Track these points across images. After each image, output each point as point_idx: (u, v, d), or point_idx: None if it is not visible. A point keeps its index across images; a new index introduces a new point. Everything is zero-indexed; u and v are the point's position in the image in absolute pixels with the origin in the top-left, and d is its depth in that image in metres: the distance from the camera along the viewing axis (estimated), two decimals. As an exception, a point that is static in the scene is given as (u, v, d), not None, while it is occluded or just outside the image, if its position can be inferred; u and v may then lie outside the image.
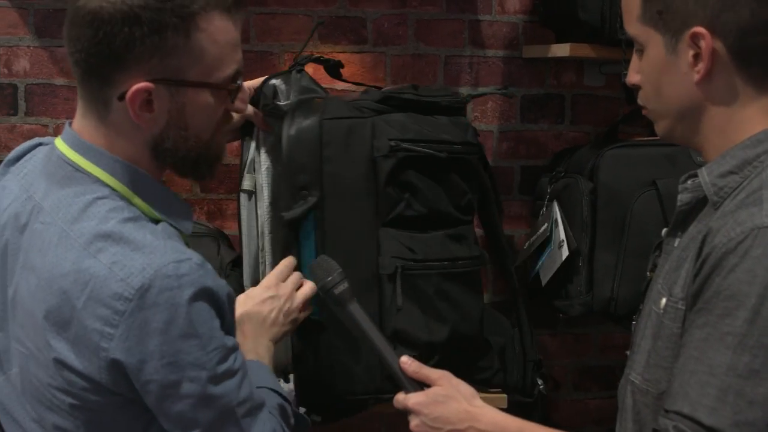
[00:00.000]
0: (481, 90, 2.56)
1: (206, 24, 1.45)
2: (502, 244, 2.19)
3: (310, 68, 2.16)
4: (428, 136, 1.94)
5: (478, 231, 2.19)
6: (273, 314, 1.80)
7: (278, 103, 1.97)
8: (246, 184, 2.05)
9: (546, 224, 2.43)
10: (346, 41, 2.54)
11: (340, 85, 2.28)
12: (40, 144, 1.63)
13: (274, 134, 1.97)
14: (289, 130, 1.89)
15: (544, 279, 2.44)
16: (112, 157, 1.48)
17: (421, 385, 1.59)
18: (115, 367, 1.40)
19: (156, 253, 1.39)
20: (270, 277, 1.85)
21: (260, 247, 2.03)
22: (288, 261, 1.89)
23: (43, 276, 1.43)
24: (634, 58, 1.52)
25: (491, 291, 2.62)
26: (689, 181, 1.50)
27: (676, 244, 1.50)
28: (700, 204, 1.48)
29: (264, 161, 2.02)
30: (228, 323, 1.48)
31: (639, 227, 2.35)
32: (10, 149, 2.35)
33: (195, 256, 1.43)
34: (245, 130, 2.05)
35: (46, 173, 1.52)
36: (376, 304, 1.90)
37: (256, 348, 1.76)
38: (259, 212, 2.03)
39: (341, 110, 1.93)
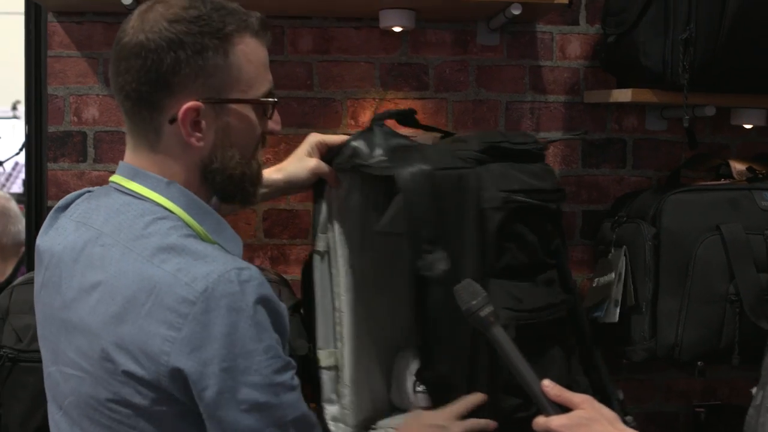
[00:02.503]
0: (555, 135, 2.58)
1: (241, 44, 1.54)
2: (573, 287, 2.17)
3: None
4: (530, 185, 1.94)
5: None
6: None
7: (358, 162, 1.95)
8: (320, 245, 2.06)
9: (612, 273, 2.41)
10: (408, 87, 2.57)
11: (403, 130, 2.29)
12: (89, 191, 1.67)
13: (359, 191, 1.99)
14: (405, 181, 1.85)
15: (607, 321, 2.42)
16: (168, 181, 1.55)
17: (563, 408, 1.59)
18: (176, 371, 1.41)
19: (218, 261, 1.45)
20: (453, 409, 1.85)
21: (335, 307, 2.04)
22: (476, 399, 1.86)
23: (105, 290, 1.47)
24: None
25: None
26: None
27: None
28: None
29: (337, 224, 2.03)
30: (285, 339, 1.50)
31: (703, 272, 2.33)
32: (79, 195, 2.42)
33: (254, 268, 1.47)
34: (317, 192, 2.05)
35: (104, 205, 1.57)
36: (488, 356, 1.85)
37: None
38: (333, 272, 2.04)
39: (447, 160, 1.91)
